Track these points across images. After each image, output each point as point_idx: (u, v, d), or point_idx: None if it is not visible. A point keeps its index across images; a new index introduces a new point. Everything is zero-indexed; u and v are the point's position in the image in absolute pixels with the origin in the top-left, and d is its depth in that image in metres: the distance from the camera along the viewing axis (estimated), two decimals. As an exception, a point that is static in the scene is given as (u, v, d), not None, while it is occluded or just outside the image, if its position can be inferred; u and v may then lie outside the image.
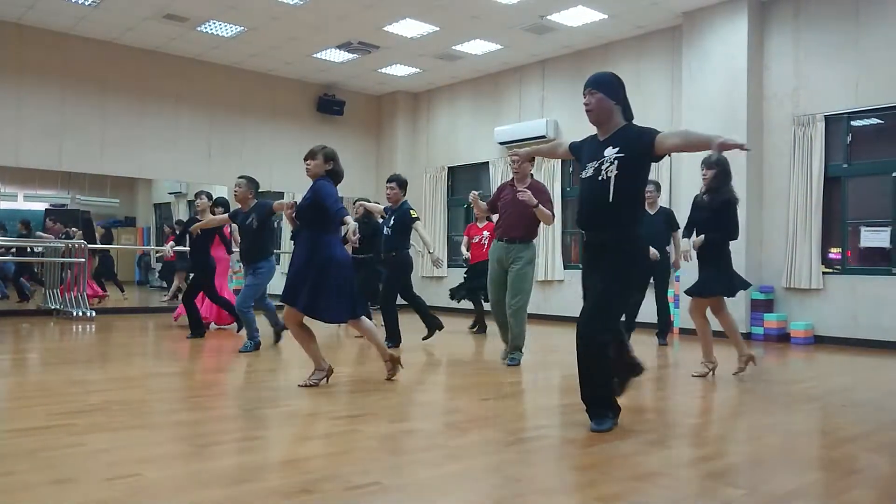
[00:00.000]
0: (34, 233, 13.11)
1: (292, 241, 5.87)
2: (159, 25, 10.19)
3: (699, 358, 5.66)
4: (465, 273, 8.79)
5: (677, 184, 9.52)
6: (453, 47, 10.93)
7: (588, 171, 3.64)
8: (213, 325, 8.62)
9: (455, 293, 8.77)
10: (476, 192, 6.36)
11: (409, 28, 10.11)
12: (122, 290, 14.33)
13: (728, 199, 5.34)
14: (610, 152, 3.54)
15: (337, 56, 11.47)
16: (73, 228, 12.53)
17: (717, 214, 5.32)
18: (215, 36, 10.60)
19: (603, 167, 3.54)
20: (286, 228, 11.94)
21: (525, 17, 9.60)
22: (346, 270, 4.68)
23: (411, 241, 7.29)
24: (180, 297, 13.59)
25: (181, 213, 17.64)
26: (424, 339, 7.39)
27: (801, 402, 4.63)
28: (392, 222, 6.97)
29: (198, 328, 7.63)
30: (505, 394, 4.93)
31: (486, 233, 8.30)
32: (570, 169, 11.23)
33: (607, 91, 3.66)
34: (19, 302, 12.23)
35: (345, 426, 3.73)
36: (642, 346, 7.89)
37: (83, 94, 10.86)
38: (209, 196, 7.84)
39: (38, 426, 3.54)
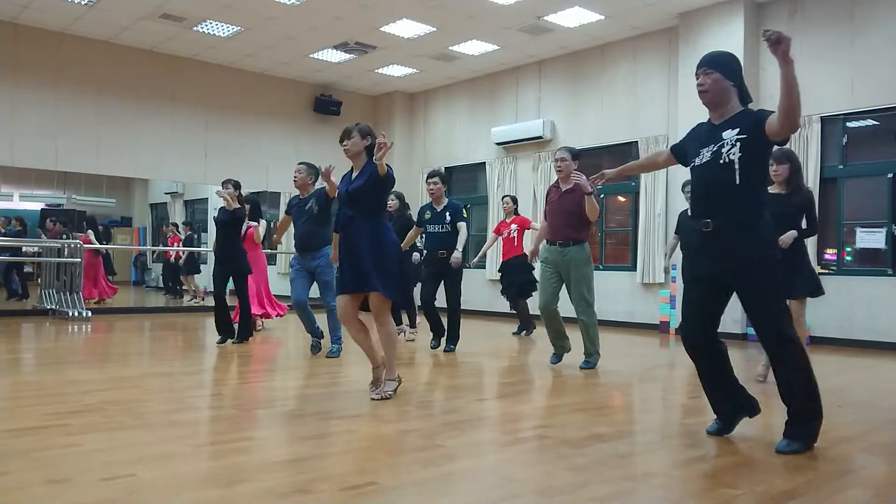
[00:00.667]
0: (36, 231, 13.10)
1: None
2: (155, 25, 10.18)
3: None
4: (499, 270, 8.71)
5: (674, 183, 9.54)
6: (450, 48, 10.93)
7: (704, 157, 3.34)
8: (260, 322, 8.46)
9: (507, 292, 8.53)
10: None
11: (406, 28, 10.11)
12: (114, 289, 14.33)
13: (810, 194, 5.16)
14: (730, 134, 3.26)
15: (334, 56, 11.47)
16: (87, 233, 12.46)
17: (799, 210, 5.06)
18: (212, 36, 10.59)
19: (724, 150, 3.26)
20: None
21: (522, 18, 9.61)
22: (403, 256, 4.64)
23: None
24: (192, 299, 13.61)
25: (177, 212, 17.63)
26: (436, 348, 7.02)
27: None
28: (448, 219, 6.70)
29: (230, 329, 7.12)
30: (501, 394, 4.94)
31: (514, 226, 8.24)
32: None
33: (725, 71, 3.34)
34: (8, 300, 12.23)
35: (341, 426, 3.73)
36: (646, 349, 7.89)
37: (79, 93, 10.83)
38: (236, 185, 7.13)
39: (34, 426, 3.53)
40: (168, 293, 14.65)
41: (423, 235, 6.92)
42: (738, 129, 3.25)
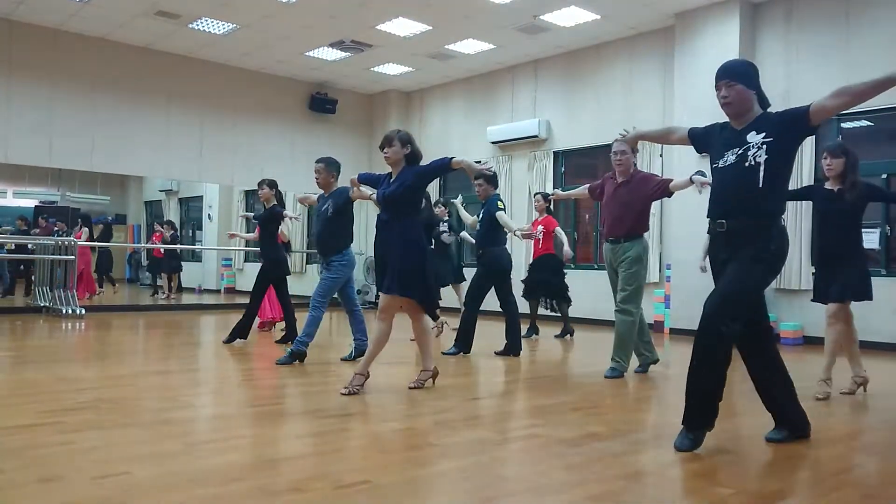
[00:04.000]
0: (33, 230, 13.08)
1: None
2: (151, 22, 10.15)
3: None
4: (528, 269, 8.59)
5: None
6: (446, 46, 10.93)
7: (729, 159, 3.35)
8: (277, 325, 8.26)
9: (528, 294, 8.37)
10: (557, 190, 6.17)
11: (402, 27, 10.10)
12: (114, 285, 14.40)
13: (868, 189, 4.83)
14: (756, 138, 3.29)
15: (329, 54, 11.45)
16: (83, 228, 12.46)
17: (854, 208, 4.77)
18: (207, 33, 10.56)
19: (749, 153, 3.28)
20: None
21: (518, 17, 9.61)
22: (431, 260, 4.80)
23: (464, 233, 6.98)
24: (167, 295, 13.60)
25: (172, 210, 17.62)
26: (446, 353, 6.62)
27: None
28: (481, 216, 6.63)
29: (243, 330, 6.93)
30: (495, 393, 4.94)
31: (540, 227, 8.12)
32: (563, 169, 11.25)
33: (746, 81, 3.36)
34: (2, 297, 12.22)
35: (335, 425, 3.73)
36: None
37: (74, 90, 10.80)
38: (271, 184, 6.99)
39: (27, 424, 3.52)
40: (153, 291, 14.69)
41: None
42: (763, 133, 3.28)
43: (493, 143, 11.89)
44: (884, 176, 8.08)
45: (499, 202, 6.54)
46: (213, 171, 12.15)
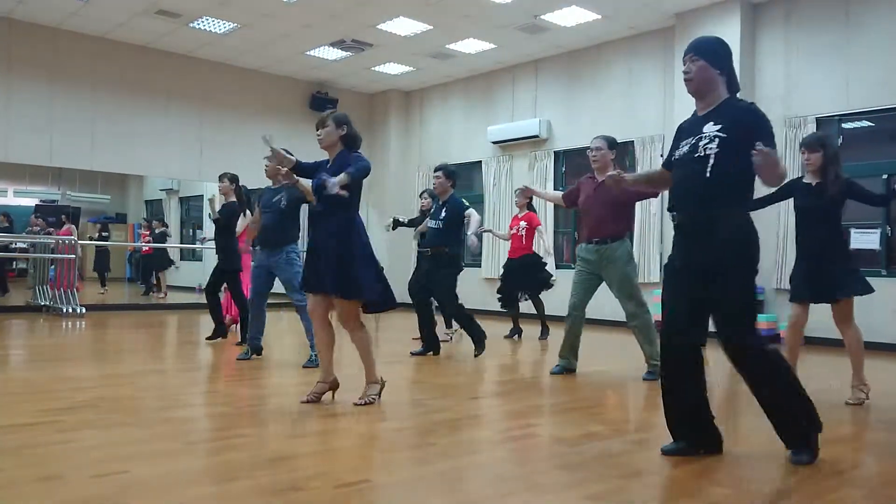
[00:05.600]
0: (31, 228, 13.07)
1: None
2: (151, 21, 10.14)
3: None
4: (503, 267, 8.43)
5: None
6: (446, 46, 10.92)
7: (683, 150, 3.22)
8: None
9: (504, 297, 8.19)
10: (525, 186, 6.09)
11: (403, 26, 10.10)
12: (104, 286, 14.35)
13: (848, 182, 4.60)
14: (711, 129, 3.13)
15: (330, 54, 11.45)
16: (68, 227, 12.44)
17: (834, 203, 4.54)
18: (207, 32, 10.55)
19: (700, 143, 3.13)
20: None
21: (518, 17, 9.61)
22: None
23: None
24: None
25: (172, 209, 17.62)
26: (415, 353, 6.52)
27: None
28: (443, 215, 6.35)
29: (219, 327, 7.03)
30: (494, 393, 4.94)
31: (523, 223, 7.92)
32: (563, 169, 11.25)
33: (711, 59, 3.17)
34: None
35: (335, 424, 3.73)
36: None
37: (74, 89, 10.79)
38: (232, 178, 6.92)
39: (26, 423, 3.52)
40: (146, 290, 14.74)
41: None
42: (720, 126, 3.11)
43: (493, 142, 11.88)
44: (885, 176, 8.07)
45: (465, 200, 6.47)
46: (214, 169, 12.09)
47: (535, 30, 10.05)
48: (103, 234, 14.81)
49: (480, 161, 12.27)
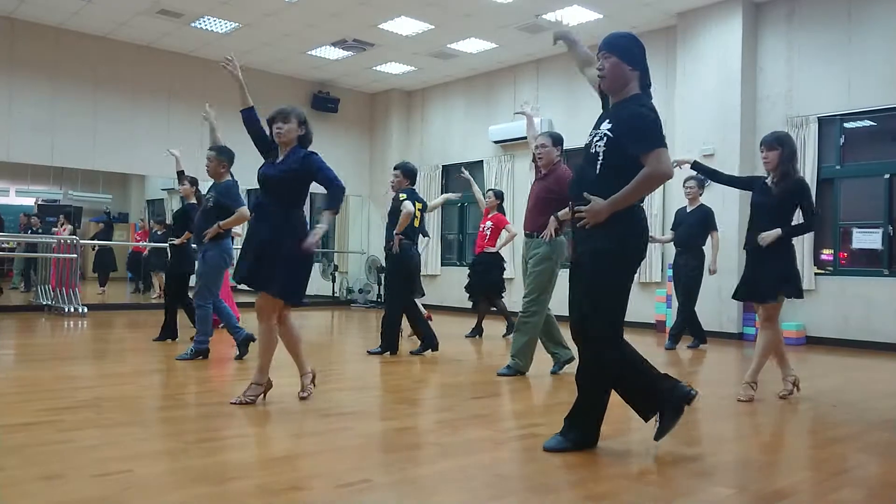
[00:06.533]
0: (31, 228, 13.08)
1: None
2: (153, 21, 10.15)
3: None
4: (468, 266, 8.44)
5: (671, 182, 9.53)
6: (448, 46, 10.92)
7: (587, 139, 3.25)
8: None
9: (471, 295, 8.25)
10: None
11: (404, 26, 10.10)
12: (102, 285, 14.36)
13: (802, 182, 4.56)
14: (605, 126, 3.16)
15: (331, 53, 11.45)
16: (66, 225, 12.46)
17: (784, 201, 4.49)
18: (209, 32, 10.56)
19: (594, 139, 3.18)
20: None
21: (520, 16, 9.60)
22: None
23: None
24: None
25: (174, 209, 17.61)
26: (371, 352, 6.48)
27: (790, 402, 4.64)
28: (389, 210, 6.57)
29: (168, 330, 7.07)
30: (495, 392, 4.93)
31: (489, 223, 8.00)
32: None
33: (623, 55, 3.16)
34: None
35: (335, 424, 3.73)
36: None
37: (76, 88, 10.80)
38: (192, 181, 7.05)
39: (27, 422, 3.52)
40: (136, 288, 14.76)
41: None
42: (612, 123, 3.13)
43: (494, 142, 11.88)
44: (886, 176, 8.06)
45: (401, 195, 6.42)
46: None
47: (536, 29, 10.05)
48: (108, 233, 14.82)
49: (482, 161, 12.26)
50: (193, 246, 6.58)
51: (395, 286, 6.50)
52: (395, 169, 6.69)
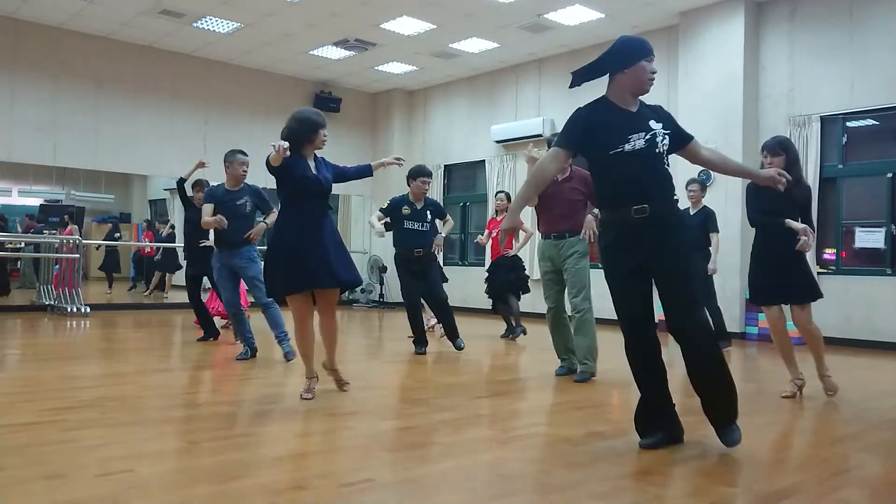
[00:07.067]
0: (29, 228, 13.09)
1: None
2: (154, 21, 10.16)
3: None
4: (487, 270, 8.44)
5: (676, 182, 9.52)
6: (450, 45, 10.92)
7: (638, 143, 3.23)
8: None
9: (491, 294, 8.25)
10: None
11: (406, 26, 10.10)
12: (111, 286, 14.41)
13: (810, 190, 4.59)
14: (657, 126, 3.28)
15: (333, 53, 11.45)
16: (71, 225, 12.46)
17: (797, 206, 4.49)
18: (211, 32, 10.57)
19: (657, 139, 3.26)
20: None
21: (522, 16, 9.60)
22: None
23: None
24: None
25: (176, 209, 17.60)
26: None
27: (793, 401, 4.64)
28: (429, 217, 6.73)
29: (209, 329, 7.13)
30: (498, 392, 4.93)
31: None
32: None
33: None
34: None
35: (338, 423, 3.73)
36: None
37: (77, 89, 10.81)
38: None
39: (30, 422, 3.53)
40: (134, 287, 14.76)
41: (397, 231, 6.70)
42: (661, 124, 3.32)
43: (496, 142, 11.87)
44: (889, 175, 8.05)
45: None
46: (218, 169, 12.08)
47: (538, 29, 10.04)
48: (115, 234, 14.83)
49: (484, 160, 12.26)
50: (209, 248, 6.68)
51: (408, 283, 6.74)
52: (429, 176, 7.03)
